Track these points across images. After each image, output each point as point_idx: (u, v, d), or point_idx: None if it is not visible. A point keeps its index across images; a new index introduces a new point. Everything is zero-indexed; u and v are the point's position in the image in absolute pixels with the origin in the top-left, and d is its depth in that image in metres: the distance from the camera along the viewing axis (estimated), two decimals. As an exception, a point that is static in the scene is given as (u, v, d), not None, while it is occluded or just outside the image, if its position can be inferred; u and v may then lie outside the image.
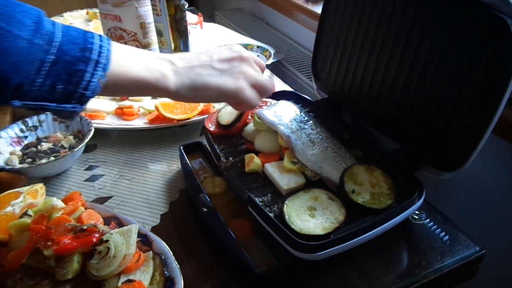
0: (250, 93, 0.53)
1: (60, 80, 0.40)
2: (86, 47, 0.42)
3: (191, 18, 1.33)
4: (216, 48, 0.55)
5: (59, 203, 0.56)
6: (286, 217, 0.51)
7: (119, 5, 1.02)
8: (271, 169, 0.59)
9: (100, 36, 0.44)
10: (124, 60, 0.45)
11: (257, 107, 0.63)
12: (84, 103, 0.43)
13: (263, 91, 0.55)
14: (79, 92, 0.42)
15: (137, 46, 1.06)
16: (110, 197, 0.67)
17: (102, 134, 0.82)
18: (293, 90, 0.83)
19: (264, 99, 0.74)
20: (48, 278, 0.47)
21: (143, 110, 0.86)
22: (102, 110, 0.85)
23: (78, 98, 0.42)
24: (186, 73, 0.49)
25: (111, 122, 0.82)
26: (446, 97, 0.57)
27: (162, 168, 0.74)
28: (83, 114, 0.80)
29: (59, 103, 0.41)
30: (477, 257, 0.55)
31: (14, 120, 0.79)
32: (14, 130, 0.76)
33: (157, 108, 0.80)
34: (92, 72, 0.42)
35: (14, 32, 0.38)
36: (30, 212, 0.55)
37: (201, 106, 0.82)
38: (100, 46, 0.43)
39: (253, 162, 0.60)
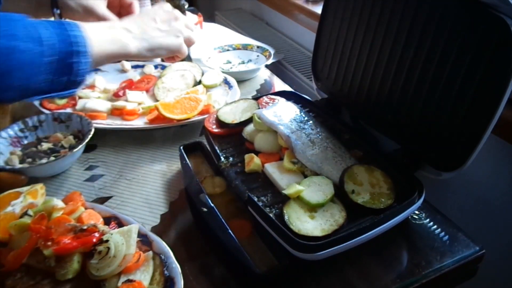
0: (185, 48, 0.70)
1: (57, 74, 0.49)
2: (71, 41, 0.50)
3: (191, 18, 1.33)
4: (151, 9, 0.70)
5: (59, 203, 0.56)
6: (286, 217, 0.51)
7: (119, 5, 1.02)
8: (271, 169, 0.59)
9: (73, 24, 0.52)
10: (96, 40, 0.55)
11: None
12: (80, 86, 0.53)
13: (190, 43, 0.72)
14: (73, 80, 0.51)
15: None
16: (110, 197, 0.67)
17: (102, 134, 0.82)
18: (293, 90, 0.83)
19: (268, 96, 0.75)
20: (48, 278, 0.47)
21: (142, 110, 0.86)
22: (98, 109, 0.85)
23: (73, 83, 0.52)
24: (142, 37, 0.63)
25: (111, 122, 0.82)
26: (446, 97, 0.57)
27: (162, 168, 0.74)
28: (83, 114, 0.80)
29: (58, 91, 0.51)
30: (477, 257, 0.55)
31: (14, 120, 0.79)
32: (14, 130, 0.76)
33: (157, 108, 0.80)
34: (81, 60, 0.51)
35: (19, 48, 0.46)
36: (30, 212, 0.55)
37: (201, 106, 0.82)
38: (80, 36, 0.52)
39: (253, 162, 0.60)
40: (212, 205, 0.56)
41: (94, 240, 0.48)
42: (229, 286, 0.53)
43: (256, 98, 0.76)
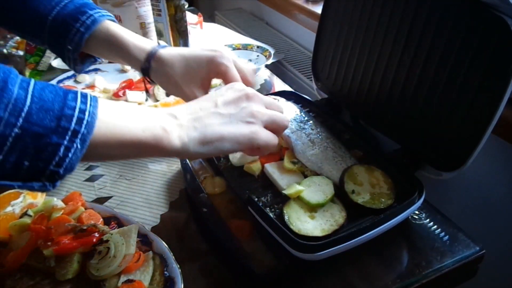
0: (266, 135, 0.46)
1: (27, 156, 0.33)
2: (63, 114, 0.34)
3: (191, 18, 1.33)
4: (216, 91, 0.48)
5: (59, 203, 0.56)
6: (286, 217, 0.51)
7: (119, 5, 1.03)
8: (271, 169, 0.59)
9: (85, 96, 0.36)
10: (115, 119, 0.38)
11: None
12: (57, 181, 0.35)
13: (279, 127, 0.48)
14: (50, 170, 0.34)
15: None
16: (110, 197, 0.67)
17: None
18: (293, 90, 0.83)
19: (268, 96, 0.74)
20: (48, 278, 0.47)
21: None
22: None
23: (49, 176, 0.35)
24: (193, 126, 0.42)
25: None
26: (446, 97, 0.57)
27: (162, 168, 0.74)
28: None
29: (24, 181, 0.34)
30: (477, 257, 0.55)
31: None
32: (14, 130, 0.76)
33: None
34: (67, 145, 0.34)
35: None
36: (30, 212, 0.55)
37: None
38: (82, 111, 0.35)
39: (253, 162, 0.60)
40: (212, 205, 0.56)
41: (94, 240, 0.48)
42: (229, 286, 0.53)
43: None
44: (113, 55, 0.61)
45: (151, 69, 0.59)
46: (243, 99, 0.46)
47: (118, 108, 0.39)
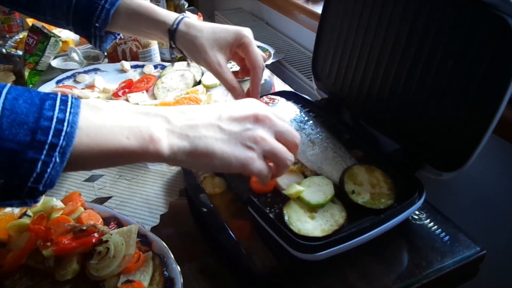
0: (260, 166, 0.42)
1: (1, 174, 0.30)
2: (39, 126, 0.31)
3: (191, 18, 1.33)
4: (229, 102, 0.44)
5: (58, 203, 0.56)
6: (286, 217, 0.50)
7: (119, 5, 1.02)
8: (271, 169, 0.59)
9: (65, 102, 0.33)
10: (98, 126, 0.35)
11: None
12: (37, 197, 0.33)
13: (279, 164, 0.43)
14: (29, 187, 0.31)
15: (136, 46, 1.06)
16: (109, 197, 0.67)
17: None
18: (293, 90, 0.83)
19: (268, 96, 0.74)
20: (48, 279, 0.47)
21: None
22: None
23: (28, 193, 0.32)
24: (185, 134, 0.39)
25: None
26: (446, 97, 0.56)
27: (162, 168, 0.74)
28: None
29: (2, 200, 0.32)
30: (478, 257, 0.55)
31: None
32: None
33: (157, 108, 0.80)
34: (45, 160, 0.31)
35: None
36: (29, 212, 0.55)
37: (201, 106, 0.82)
38: (61, 121, 0.32)
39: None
40: (212, 205, 0.56)
41: (94, 240, 0.48)
42: (229, 287, 0.53)
43: (256, 98, 0.76)
44: (138, 25, 0.65)
45: (178, 32, 0.62)
46: (250, 118, 0.42)
47: (103, 111, 0.36)
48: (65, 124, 0.32)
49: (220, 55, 0.61)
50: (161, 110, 0.40)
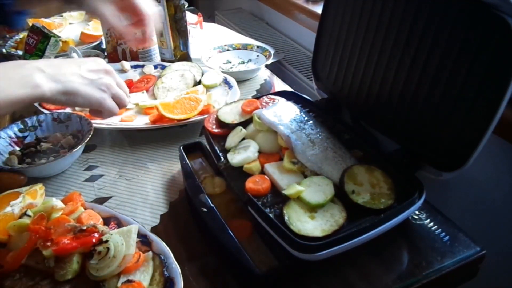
0: (110, 104, 0.60)
1: None
2: None
3: (191, 18, 1.33)
4: (82, 58, 0.62)
5: (58, 203, 0.56)
6: (286, 217, 0.50)
7: (119, 5, 1.02)
8: (271, 169, 0.59)
9: None
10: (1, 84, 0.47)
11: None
12: None
13: (120, 103, 0.62)
14: None
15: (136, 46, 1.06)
16: (109, 197, 0.67)
17: (102, 134, 0.82)
18: (293, 90, 0.83)
19: (268, 96, 0.74)
20: (48, 279, 0.47)
21: (133, 106, 0.87)
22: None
23: None
24: (56, 78, 0.54)
25: (111, 122, 0.82)
26: (446, 97, 0.56)
27: (162, 168, 0.74)
28: (82, 114, 0.79)
29: None
30: (478, 257, 0.55)
31: (13, 120, 0.79)
32: (14, 130, 0.76)
33: (157, 108, 0.80)
34: None
35: None
36: (29, 212, 0.55)
37: (201, 106, 0.82)
38: None
39: (253, 162, 0.60)
40: (212, 205, 0.56)
41: (94, 240, 0.48)
42: (229, 287, 0.53)
43: (256, 98, 0.76)
44: None
45: None
46: (102, 71, 0.60)
47: None
48: None
49: (108, 7, 0.71)
50: (32, 64, 0.54)
